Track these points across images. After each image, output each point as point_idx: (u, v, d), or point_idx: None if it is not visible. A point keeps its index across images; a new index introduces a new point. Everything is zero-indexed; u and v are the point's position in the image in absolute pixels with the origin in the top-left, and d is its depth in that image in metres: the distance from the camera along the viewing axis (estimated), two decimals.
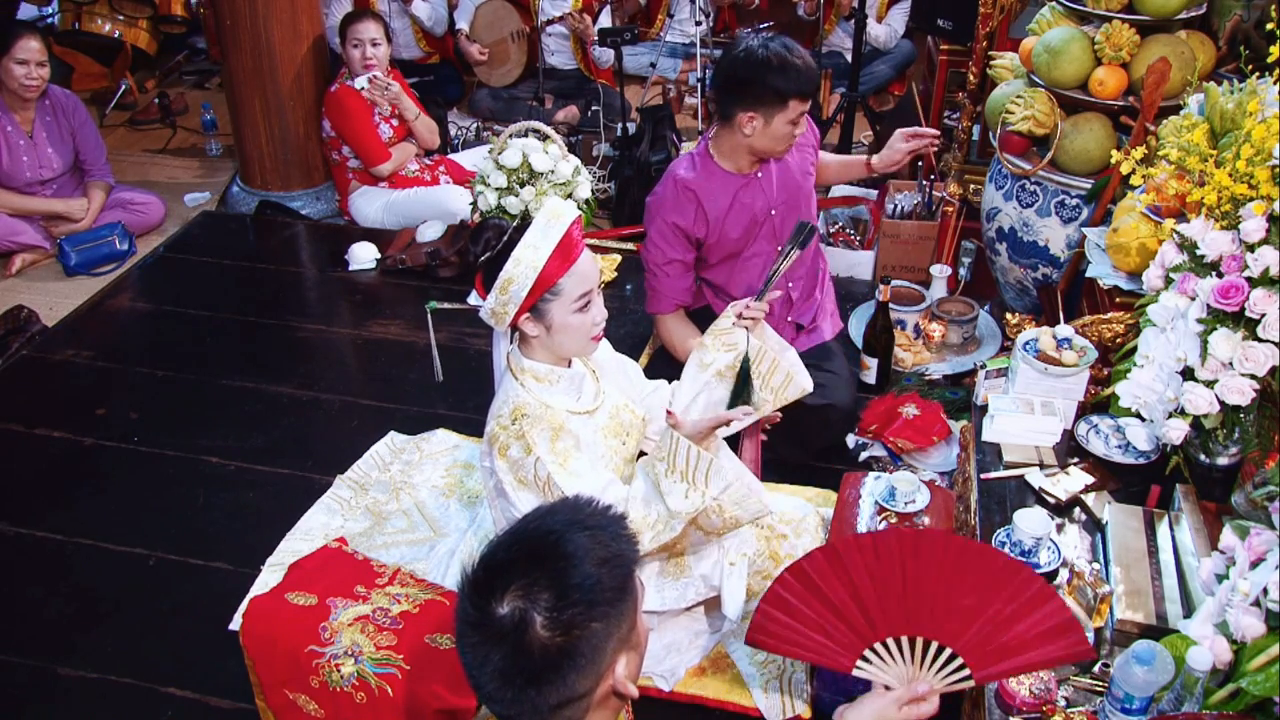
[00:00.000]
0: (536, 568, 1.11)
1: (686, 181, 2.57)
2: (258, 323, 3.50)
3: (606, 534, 1.15)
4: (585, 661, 1.11)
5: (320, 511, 2.57)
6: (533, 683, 1.10)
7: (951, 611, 1.43)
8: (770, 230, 2.64)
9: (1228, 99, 2.03)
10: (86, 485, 2.76)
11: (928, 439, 2.66)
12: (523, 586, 1.10)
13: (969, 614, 1.42)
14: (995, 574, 1.42)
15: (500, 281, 1.85)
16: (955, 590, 1.42)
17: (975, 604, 1.42)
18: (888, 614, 1.45)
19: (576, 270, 1.89)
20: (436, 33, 4.96)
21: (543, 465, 1.90)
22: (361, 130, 3.90)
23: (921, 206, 3.54)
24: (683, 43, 5.19)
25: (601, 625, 1.12)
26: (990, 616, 1.42)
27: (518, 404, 1.94)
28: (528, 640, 1.09)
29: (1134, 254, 2.20)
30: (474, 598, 1.11)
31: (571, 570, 1.11)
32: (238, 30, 3.86)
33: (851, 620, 1.47)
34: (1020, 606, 1.40)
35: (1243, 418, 1.78)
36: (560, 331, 1.92)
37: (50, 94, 3.81)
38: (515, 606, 1.09)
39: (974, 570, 1.42)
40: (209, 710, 2.14)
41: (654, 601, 2.03)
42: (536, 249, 1.85)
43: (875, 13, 4.78)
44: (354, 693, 1.83)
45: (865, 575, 1.45)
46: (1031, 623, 1.40)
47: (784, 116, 2.43)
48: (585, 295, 1.91)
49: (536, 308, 1.89)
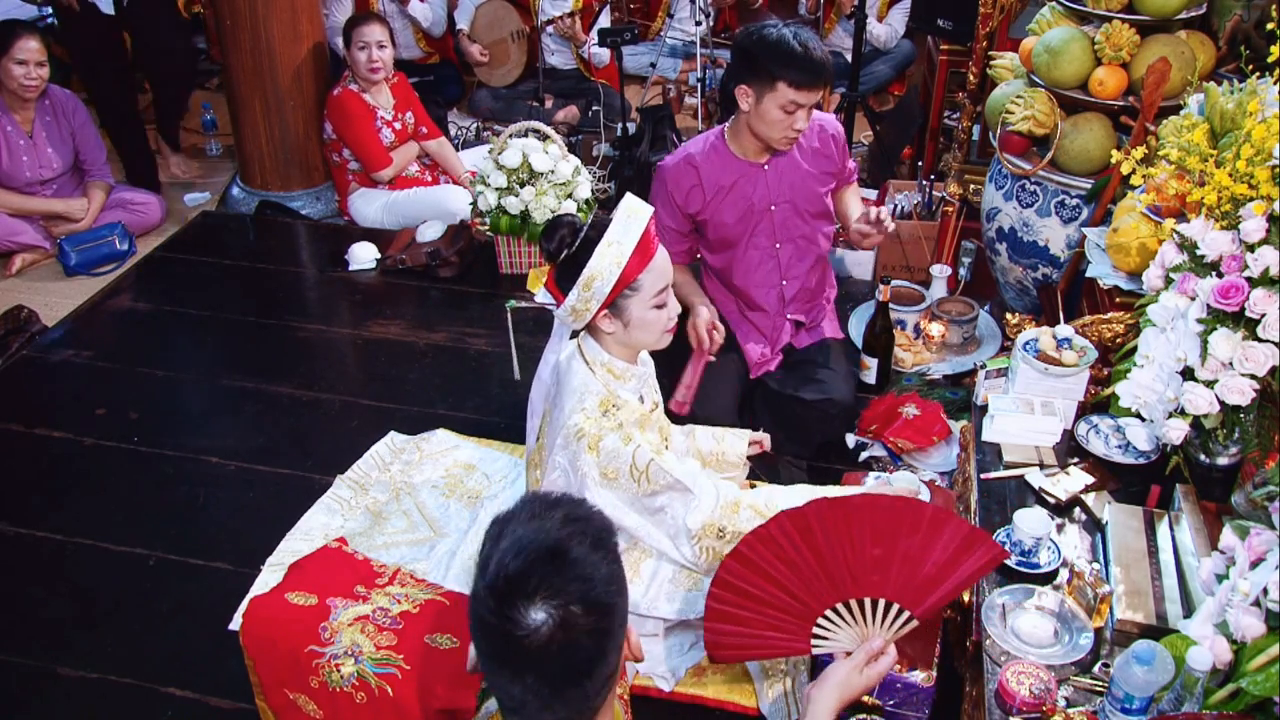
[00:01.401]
0: (550, 569, 1.10)
1: (692, 156, 2.60)
2: (258, 323, 3.50)
3: (580, 515, 1.16)
4: (618, 633, 1.15)
5: (320, 511, 2.57)
6: (586, 674, 1.12)
7: (866, 566, 1.52)
8: (769, 225, 2.64)
9: (1228, 99, 2.03)
10: (86, 485, 2.76)
11: (928, 439, 2.66)
12: (549, 591, 1.09)
13: (882, 562, 1.52)
14: (889, 518, 1.52)
15: (584, 279, 1.86)
16: (861, 546, 1.51)
17: (884, 551, 1.51)
18: (815, 590, 1.55)
19: (655, 266, 1.91)
20: (435, 34, 4.96)
21: (643, 452, 1.91)
22: (363, 134, 3.90)
23: (921, 206, 3.54)
24: (683, 43, 5.19)
25: (621, 600, 1.15)
26: (901, 557, 1.52)
27: (604, 396, 1.94)
28: (575, 636, 1.09)
29: (1134, 254, 2.20)
30: (503, 616, 1.09)
31: (581, 563, 1.11)
32: (238, 30, 3.86)
33: (787, 608, 1.56)
34: (923, 538, 1.50)
35: (1243, 418, 1.78)
36: (638, 327, 1.94)
37: (50, 94, 3.81)
38: (549, 610, 1.08)
39: (869, 522, 1.51)
40: (209, 710, 2.14)
41: (665, 609, 2.04)
42: (620, 245, 1.86)
43: (876, 12, 4.78)
44: (354, 693, 1.83)
45: (779, 564, 1.54)
46: (940, 549, 1.50)
47: (773, 99, 2.40)
48: (663, 291, 1.94)
49: (615, 304, 1.91)
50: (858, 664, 1.54)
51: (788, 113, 2.43)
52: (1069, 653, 1.63)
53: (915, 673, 1.95)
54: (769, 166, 2.59)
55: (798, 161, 2.62)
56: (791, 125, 2.45)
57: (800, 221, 2.66)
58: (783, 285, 2.72)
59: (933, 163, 3.97)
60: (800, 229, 2.67)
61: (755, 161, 2.59)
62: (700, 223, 2.65)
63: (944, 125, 4.07)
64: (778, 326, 2.77)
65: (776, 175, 2.60)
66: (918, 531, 1.52)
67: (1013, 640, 1.66)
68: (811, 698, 1.52)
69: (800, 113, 2.44)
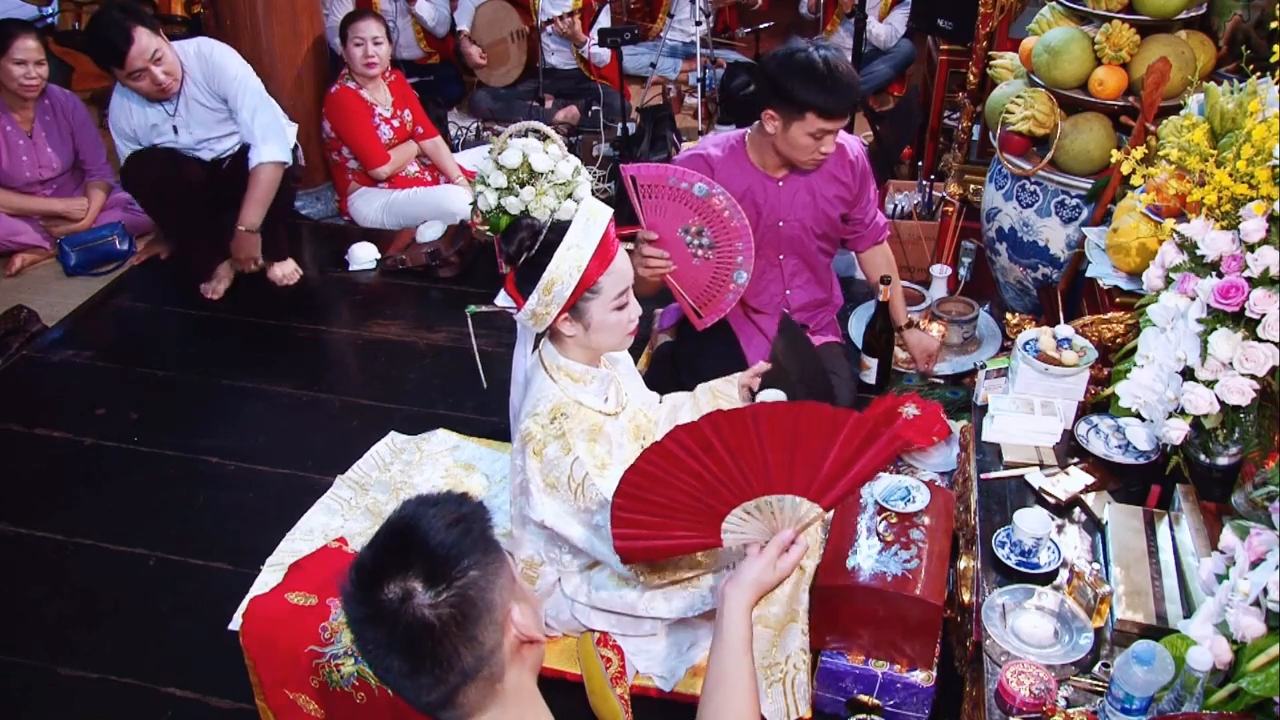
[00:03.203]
0: (401, 551, 1.15)
1: (709, 155, 2.58)
2: (258, 323, 3.50)
3: (450, 504, 1.19)
4: (479, 612, 1.14)
5: (320, 511, 2.57)
6: (440, 650, 1.12)
7: (769, 469, 1.57)
8: (774, 239, 2.63)
9: (1228, 99, 2.03)
10: (86, 485, 2.76)
11: (928, 439, 2.65)
12: (397, 571, 1.13)
13: (784, 464, 1.56)
14: (795, 424, 1.56)
15: (543, 283, 1.86)
16: (762, 452, 1.55)
17: (785, 455, 1.56)
18: (721, 495, 1.59)
19: (614, 268, 1.91)
20: (439, 34, 4.96)
21: (580, 466, 1.91)
22: (360, 132, 3.90)
23: (921, 206, 3.54)
24: (683, 43, 5.19)
25: (479, 573, 1.15)
26: (803, 459, 1.57)
27: (556, 403, 1.94)
28: (417, 609, 1.11)
29: (1134, 254, 2.20)
30: (359, 596, 1.14)
31: (429, 539, 1.15)
32: (238, 30, 3.86)
33: (695, 511, 1.62)
34: (822, 439, 1.56)
35: (1243, 418, 1.78)
36: (599, 329, 1.94)
37: (49, 93, 3.81)
38: (396, 587, 1.12)
39: (767, 430, 1.55)
40: (209, 710, 2.14)
41: (663, 609, 2.04)
42: (580, 249, 1.86)
43: (877, 12, 4.78)
44: (354, 693, 1.83)
45: (683, 475, 1.59)
46: (841, 446, 1.56)
47: (801, 127, 2.39)
48: (623, 293, 1.93)
49: (576, 307, 1.91)
50: (770, 558, 1.56)
51: (815, 139, 2.42)
52: (1069, 653, 1.63)
53: (915, 673, 1.95)
54: (784, 184, 2.59)
55: (813, 182, 2.60)
56: (819, 149, 2.44)
57: (807, 239, 2.66)
58: (787, 294, 2.72)
59: (933, 163, 3.97)
60: (806, 246, 2.68)
61: (772, 175, 2.58)
62: None
63: (944, 125, 4.07)
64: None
65: (790, 193, 2.59)
66: (817, 433, 1.56)
67: (1013, 640, 1.66)
68: (725, 594, 1.54)
69: (828, 138, 2.43)
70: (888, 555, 1.97)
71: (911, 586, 1.90)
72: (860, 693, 1.99)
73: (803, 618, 1.99)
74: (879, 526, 2.04)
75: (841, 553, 2.00)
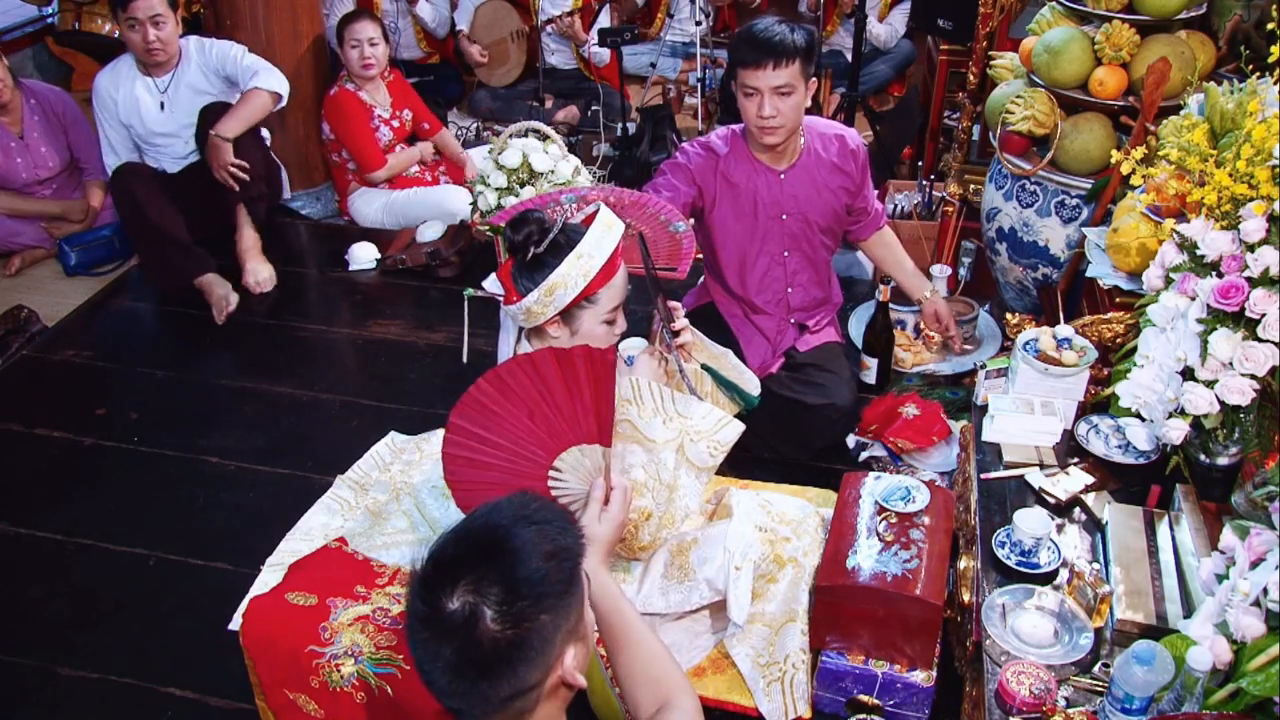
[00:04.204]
0: (485, 563, 1.12)
1: (714, 145, 2.60)
2: (258, 323, 3.50)
3: (553, 528, 1.17)
4: (535, 653, 1.13)
5: (320, 511, 2.56)
6: (484, 675, 1.11)
7: (560, 422, 1.64)
8: (778, 233, 2.63)
9: (1228, 99, 2.03)
10: (86, 485, 2.76)
11: (928, 439, 2.66)
12: (472, 581, 1.11)
13: (571, 415, 1.64)
14: (536, 380, 1.64)
15: (547, 284, 1.85)
16: (540, 410, 1.65)
17: (550, 407, 1.64)
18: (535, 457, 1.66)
19: (615, 283, 1.92)
20: (439, 34, 4.96)
21: None
22: (358, 134, 3.89)
23: (921, 206, 3.54)
24: (683, 43, 5.19)
25: (550, 618, 1.13)
26: (582, 409, 1.64)
27: None
28: (478, 634, 1.10)
29: (1134, 254, 2.20)
30: (424, 594, 1.12)
31: (519, 564, 1.12)
32: (238, 31, 3.86)
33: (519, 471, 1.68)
34: (567, 381, 1.64)
35: (1243, 418, 1.78)
36: (584, 338, 1.94)
37: (36, 93, 3.79)
38: (465, 601, 1.10)
39: (531, 388, 1.64)
40: (209, 710, 2.15)
41: (659, 604, 2.03)
42: (590, 259, 1.86)
43: (877, 12, 4.78)
44: (354, 693, 1.83)
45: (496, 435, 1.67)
46: (584, 382, 1.64)
47: (739, 90, 2.41)
48: (616, 309, 1.94)
49: (570, 313, 1.91)
50: (593, 515, 1.59)
51: (748, 97, 2.39)
52: (1069, 653, 1.63)
53: (915, 673, 1.95)
54: (786, 175, 2.59)
55: (815, 174, 2.60)
56: (759, 114, 2.39)
57: (811, 233, 2.66)
58: (788, 293, 2.72)
59: (933, 163, 3.97)
60: (810, 240, 2.67)
61: (773, 167, 2.58)
62: (699, 210, 2.63)
63: (944, 125, 4.07)
64: (782, 330, 2.77)
65: (792, 185, 2.59)
66: (577, 382, 1.64)
67: (1013, 640, 1.66)
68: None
69: (758, 98, 2.37)
70: (888, 555, 1.97)
71: (911, 586, 1.90)
72: (860, 693, 1.99)
73: (802, 617, 1.99)
74: (879, 526, 2.04)
75: (841, 553, 2.00)
